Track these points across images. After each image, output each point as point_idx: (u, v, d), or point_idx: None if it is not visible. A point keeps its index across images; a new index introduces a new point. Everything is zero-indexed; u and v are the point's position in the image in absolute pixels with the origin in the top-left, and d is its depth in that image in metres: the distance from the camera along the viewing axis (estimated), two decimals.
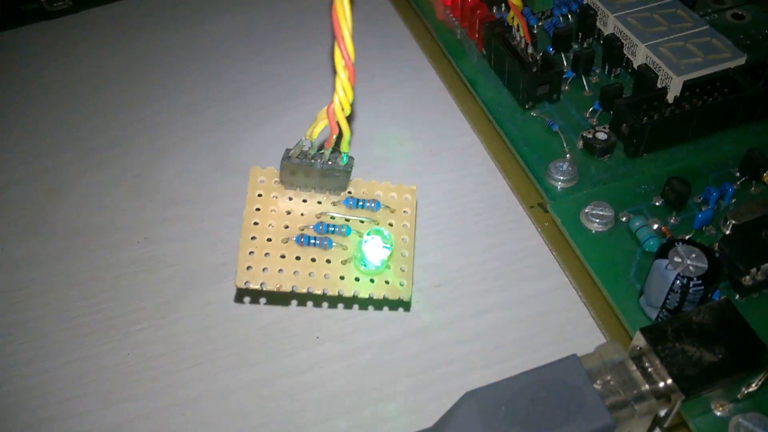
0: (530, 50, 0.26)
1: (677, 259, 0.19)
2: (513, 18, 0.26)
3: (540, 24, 0.30)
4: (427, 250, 0.24)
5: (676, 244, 0.19)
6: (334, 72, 0.17)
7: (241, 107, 0.31)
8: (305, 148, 0.19)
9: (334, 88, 0.17)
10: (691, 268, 0.18)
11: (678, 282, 0.18)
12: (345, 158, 0.19)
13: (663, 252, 0.19)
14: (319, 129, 0.18)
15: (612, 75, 0.27)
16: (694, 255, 0.19)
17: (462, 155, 0.28)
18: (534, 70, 0.26)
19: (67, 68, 0.34)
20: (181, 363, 0.22)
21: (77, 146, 0.30)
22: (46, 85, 0.33)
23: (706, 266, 0.18)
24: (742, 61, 0.25)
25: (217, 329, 0.23)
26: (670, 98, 0.25)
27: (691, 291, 0.18)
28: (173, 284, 0.24)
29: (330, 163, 0.19)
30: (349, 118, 0.18)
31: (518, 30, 0.26)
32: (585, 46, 0.28)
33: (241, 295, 0.23)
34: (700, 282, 0.18)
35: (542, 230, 0.24)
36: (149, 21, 0.36)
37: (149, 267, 0.25)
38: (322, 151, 0.19)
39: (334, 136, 0.18)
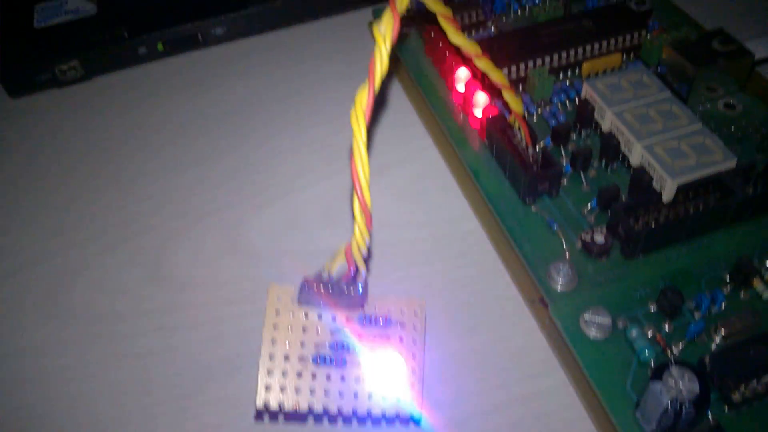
0: (530, 151, 0.27)
1: (671, 382, 0.20)
2: (515, 121, 0.27)
3: (539, 112, 0.31)
4: (432, 345, 0.26)
5: (669, 366, 0.20)
6: (353, 216, 0.18)
7: (252, 184, 0.32)
8: (324, 278, 0.20)
9: (352, 231, 0.18)
10: (683, 391, 0.20)
11: (671, 407, 0.19)
12: (360, 287, 0.20)
13: (658, 374, 0.20)
14: (337, 263, 0.19)
15: (609, 169, 0.28)
16: (687, 377, 0.20)
17: (464, 242, 0.29)
18: (534, 169, 0.27)
19: (79, 137, 0.35)
20: None
21: (92, 225, 0.31)
22: (59, 154, 0.34)
23: (698, 390, 0.20)
24: (733, 164, 0.26)
25: (229, 427, 0.24)
26: (664, 199, 0.26)
27: (683, 415, 0.19)
28: (187, 378, 0.25)
29: (346, 292, 0.20)
30: None
31: (519, 130, 0.27)
32: (583, 139, 0.30)
33: (259, 415, 0.24)
34: (692, 406, 0.19)
35: (542, 326, 0.25)
36: (163, 88, 0.37)
37: (165, 358, 0.26)
38: (340, 283, 0.20)
39: (353, 270, 0.19)
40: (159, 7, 0.38)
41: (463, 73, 0.31)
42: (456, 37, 0.23)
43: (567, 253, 0.26)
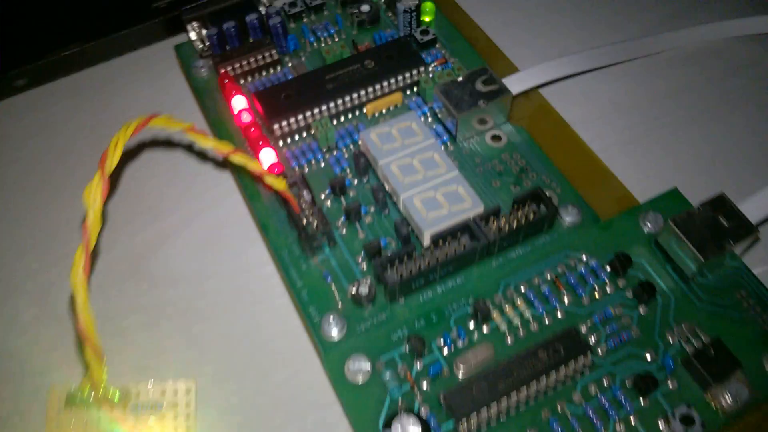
0: (308, 212, 0.30)
1: (398, 427, 0.24)
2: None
3: (326, 158, 0.34)
4: (232, 389, 0.29)
5: (395, 417, 0.24)
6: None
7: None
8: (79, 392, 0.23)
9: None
10: None
11: None
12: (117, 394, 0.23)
13: (388, 423, 0.24)
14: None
15: (383, 215, 0.32)
16: (411, 423, 0.24)
17: (262, 287, 0.32)
18: (309, 231, 0.30)
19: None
20: None
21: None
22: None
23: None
24: (480, 210, 0.30)
25: None
26: (422, 246, 0.30)
27: None
28: None
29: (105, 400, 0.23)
30: None
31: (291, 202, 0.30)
32: (364, 184, 0.33)
33: None
34: None
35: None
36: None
37: None
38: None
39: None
40: None
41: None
42: (206, 141, 0.25)
43: (339, 303, 0.29)
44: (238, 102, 0.34)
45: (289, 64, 0.38)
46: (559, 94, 0.38)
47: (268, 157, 0.32)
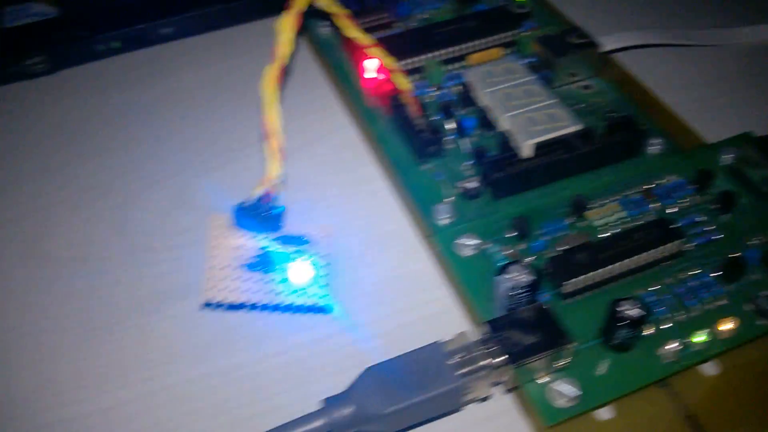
0: (421, 121, 0.34)
1: (507, 276, 0.27)
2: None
3: (434, 95, 0.38)
4: (342, 271, 0.32)
5: (509, 265, 0.27)
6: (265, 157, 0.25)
7: (198, 155, 0.38)
8: (252, 201, 0.26)
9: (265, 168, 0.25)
10: (519, 280, 0.27)
11: (510, 291, 0.27)
12: (282, 208, 0.27)
13: (502, 270, 0.27)
14: (260, 189, 0.26)
15: (484, 137, 0.36)
16: (522, 271, 0.27)
17: (374, 197, 0.36)
18: (424, 134, 0.34)
19: (46, 122, 0.41)
20: (147, 362, 0.29)
21: (59, 192, 0.37)
22: (29, 137, 0.40)
23: (531, 279, 0.27)
24: (579, 127, 0.34)
25: (180, 336, 0.30)
26: (523, 155, 0.33)
27: (519, 296, 0.27)
28: (145, 299, 0.31)
29: (268, 212, 0.27)
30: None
31: (413, 105, 0.35)
32: (465, 113, 0.37)
33: (205, 308, 0.30)
34: (525, 290, 0.27)
35: (432, 255, 0.32)
36: (120, 79, 0.43)
37: (126, 289, 0.32)
38: (262, 203, 0.27)
39: (271, 195, 0.26)
40: (115, 9, 0.44)
41: (371, 64, 0.38)
42: (352, 31, 0.30)
43: (448, 197, 0.33)
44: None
45: (399, 27, 0.43)
46: (647, 61, 0.42)
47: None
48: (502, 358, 0.25)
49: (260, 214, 0.26)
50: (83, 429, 0.27)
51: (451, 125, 0.36)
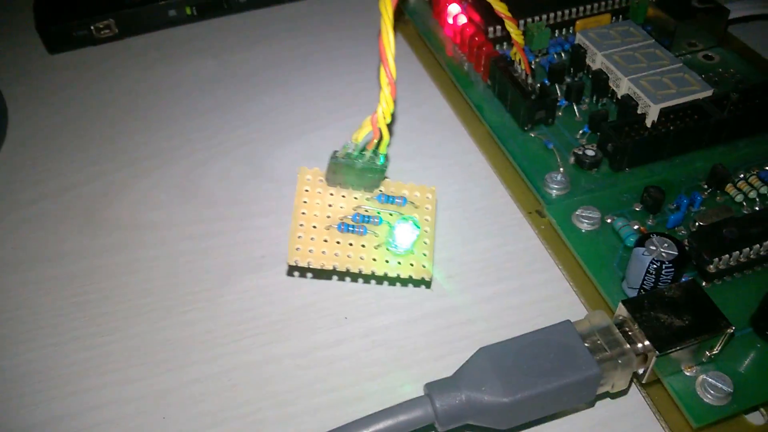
0: (530, 81, 0.30)
1: (652, 248, 0.23)
2: (515, 54, 0.31)
3: (537, 60, 0.34)
4: (441, 247, 0.28)
5: (651, 236, 0.23)
6: (379, 87, 0.21)
7: (271, 125, 0.35)
8: (350, 150, 0.23)
9: (378, 101, 0.21)
10: (663, 254, 0.22)
11: (653, 265, 0.22)
12: (382, 159, 0.23)
13: (641, 242, 0.23)
14: (363, 133, 0.22)
15: (599, 104, 0.32)
16: (666, 244, 0.23)
17: (469, 170, 0.32)
18: (533, 97, 0.30)
19: (111, 88, 0.38)
20: (225, 338, 0.26)
21: (123, 156, 0.34)
22: (96, 102, 0.37)
23: (677, 253, 0.22)
24: (709, 93, 0.29)
25: (257, 310, 0.26)
26: (648, 123, 0.29)
27: (663, 273, 0.22)
28: (218, 273, 0.28)
29: (369, 162, 0.23)
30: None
31: (520, 64, 0.31)
32: (576, 79, 0.33)
33: (291, 270, 0.27)
34: (671, 265, 0.22)
35: (539, 232, 0.28)
36: (191, 48, 0.40)
37: (195, 259, 0.29)
38: (364, 152, 0.23)
39: (375, 141, 0.22)
40: None
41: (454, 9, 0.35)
42: None
43: (561, 167, 0.29)
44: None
45: None
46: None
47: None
48: (646, 343, 0.21)
49: (361, 164, 0.23)
50: (169, 401, 0.24)
51: (561, 89, 0.32)
